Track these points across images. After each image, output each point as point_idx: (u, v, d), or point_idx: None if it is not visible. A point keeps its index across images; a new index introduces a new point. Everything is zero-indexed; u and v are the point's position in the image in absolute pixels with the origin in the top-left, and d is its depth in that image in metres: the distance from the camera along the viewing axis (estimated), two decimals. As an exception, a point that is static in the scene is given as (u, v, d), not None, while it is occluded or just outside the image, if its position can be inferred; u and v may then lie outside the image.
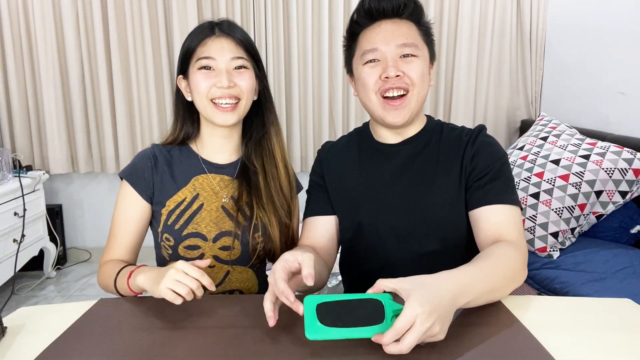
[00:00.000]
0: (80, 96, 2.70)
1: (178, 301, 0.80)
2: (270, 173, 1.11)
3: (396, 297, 0.68)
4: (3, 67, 2.66)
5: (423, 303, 0.64)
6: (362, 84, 1.02)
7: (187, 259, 1.04)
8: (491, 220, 0.95)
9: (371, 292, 0.68)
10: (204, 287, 0.83)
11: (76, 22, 2.63)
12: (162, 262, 1.11)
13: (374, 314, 0.66)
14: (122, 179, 1.08)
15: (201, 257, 1.06)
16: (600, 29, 2.26)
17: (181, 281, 0.81)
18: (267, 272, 1.21)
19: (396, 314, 0.67)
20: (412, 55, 0.99)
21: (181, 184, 1.08)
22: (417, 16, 1.02)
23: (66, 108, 2.73)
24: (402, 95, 0.99)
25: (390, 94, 0.99)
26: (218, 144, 1.11)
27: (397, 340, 0.64)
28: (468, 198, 1.00)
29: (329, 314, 0.66)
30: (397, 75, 0.97)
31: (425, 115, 1.11)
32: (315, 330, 0.65)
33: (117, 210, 1.08)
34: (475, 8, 2.66)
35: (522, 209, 1.02)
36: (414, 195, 1.02)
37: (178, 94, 1.12)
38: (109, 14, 2.61)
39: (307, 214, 1.13)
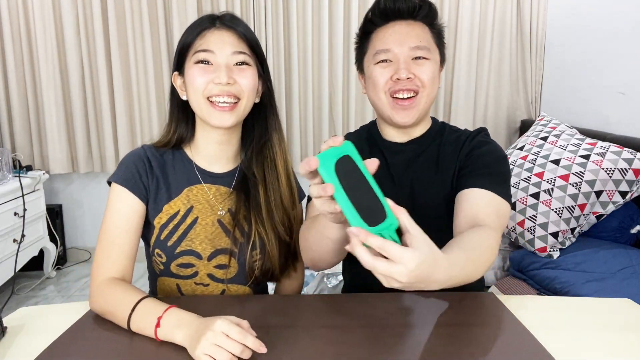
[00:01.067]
0: (80, 96, 2.70)
1: None
2: (272, 185, 1.02)
3: (398, 232, 0.62)
4: (3, 67, 2.66)
5: (418, 267, 0.59)
6: (372, 83, 1.02)
7: (180, 277, 0.99)
8: (475, 201, 0.92)
9: (389, 204, 0.62)
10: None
11: (76, 22, 2.63)
12: (152, 274, 1.04)
13: (372, 215, 0.60)
14: (109, 183, 0.97)
15: (195, 275, 0.99)
16: (600, 29, 2.25)
17: (221, 346, 0.68)
18: (271, 290, 1.18)
19: (383, 235, 0.60)
20: (424, 58, 1.00)
21: (174, 193, 0.99)
22: (431, 18, 1.03)
23: (66, 108, 2.73)
24: (412, 97, 1.00)
25: (400, 95, 1.00)
26: (214, 150, 1.01)
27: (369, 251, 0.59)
28: (456, 185, 0.99)
29: (346, 170, 0.62)
30: (408, 78, 0.98)
31: (431, 117, 1.13)
32: (326, 167, 0.61)
33: (111, 216, 0.93)
34: (475, 8, 2.66)
35: (511, 206, 0.96)
36: (414, 194, 1.04)
37: (173, 93, 1.02)
38: (109, 14, 2.61)
39: None
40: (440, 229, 0.99)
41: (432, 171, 1.04)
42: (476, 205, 0.91)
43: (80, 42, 2.65)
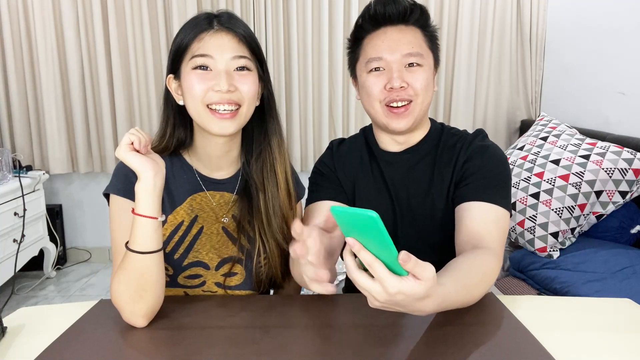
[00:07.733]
0: (80, 96, 2.70)
1: (130, 152, 0.80)
2: (270, 192, 0.99)
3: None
4: (3, 67, 2.66)
5: (397, 295, 0.59)
6: (366, 92, 1.01)
7: (187, 287, 0.97)
8: (475, 216, 0.92)
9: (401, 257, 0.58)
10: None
11: (76, 22, 2.63)
12: None
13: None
14: (106, 196, 0.92)
15: (202, 284, 0.97)
16: (600, 29, 2.25)
17: (133, 133, 0.81)
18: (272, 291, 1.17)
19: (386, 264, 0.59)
20: (417, 65, 0.98)
21: (176, 202, 0.96)
22: (423, 22, 1.01)
23: (66, 108, 2.73)
24: (406, 104, 0.99)
25: (394, 104, 0.99)
26: (214, 157, 0.98)
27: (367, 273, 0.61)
28: (455, 197, 0.98)
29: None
30: (402, 86, 0.96)
31: (429, 118, 1.10)
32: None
33: (118, 231, 0.88)
34: (475, 8, 2.66)
35: (511, 215, 0.97)
36: (411, 206, 1.03)
37: (168, 96, 0.96)
38: (109, 14, 2.61)
39: (315, 199, 1.06)
40: (436, 241, 1.00)
41: (428, 182, 1.03)
42: (477, 220, 0.91)
43: (80, 42, 2.65)
